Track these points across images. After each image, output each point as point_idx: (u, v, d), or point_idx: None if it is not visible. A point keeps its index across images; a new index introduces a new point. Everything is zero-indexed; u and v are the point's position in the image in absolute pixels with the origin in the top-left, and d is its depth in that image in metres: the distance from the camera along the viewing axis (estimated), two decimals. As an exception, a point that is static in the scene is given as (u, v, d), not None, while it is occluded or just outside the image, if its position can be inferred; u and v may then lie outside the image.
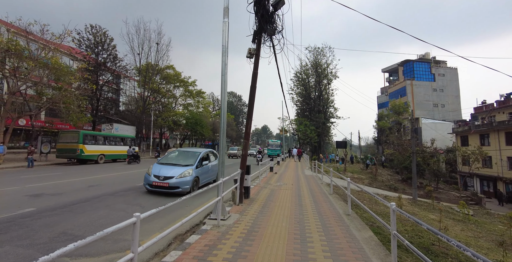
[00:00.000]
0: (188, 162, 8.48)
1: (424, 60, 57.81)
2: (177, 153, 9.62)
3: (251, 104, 6.45)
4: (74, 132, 20.27)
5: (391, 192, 19.19)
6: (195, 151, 9.42)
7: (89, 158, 19.95)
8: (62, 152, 19.43)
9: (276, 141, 44.78)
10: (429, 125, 42.23)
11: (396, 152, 23.26)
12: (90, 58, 32.66)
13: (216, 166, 9.82)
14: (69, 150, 19.34)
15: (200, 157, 8.75)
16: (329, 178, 9.49)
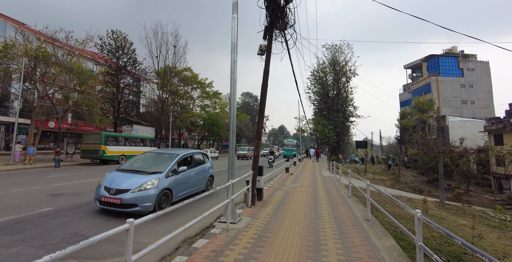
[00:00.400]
0: (157, 169, 6.28)
1: (450, 54, 54.46)
2: (148, 155, 7.38)
3: (263, 102, 6.21)
4: (97, 133, 21.00)
5: (416, 194, 18.10)
6: (172, 152, 7.15)
7: (111, 158, 20.62)
8: (86, 152, 20.29)
9: (292, 141, 42.53)
10: (457, 123, 39.63)
11: (420, 152, 21.97)
12: (111, 62, 34.02)
13: (206, 171, 7.98)
14: (92, 150, 20.11)
15: (175, 162, 6.51)
16: (348, 179, 9.02)
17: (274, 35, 6.07)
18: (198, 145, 49.14)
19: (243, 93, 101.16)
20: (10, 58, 18.54)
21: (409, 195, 16.53)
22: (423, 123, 29.30)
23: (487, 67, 53.17)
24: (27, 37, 19.55)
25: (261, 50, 6.08)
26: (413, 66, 65.55)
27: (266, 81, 6.17)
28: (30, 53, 18.36)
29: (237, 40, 5.29)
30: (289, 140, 43.55)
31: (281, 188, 9.00)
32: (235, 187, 7.72)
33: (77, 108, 22.51)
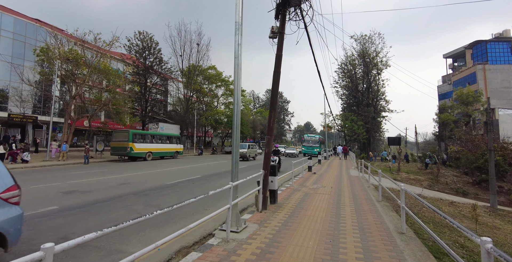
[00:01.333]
0: None
1: (502, 39, 48.18)
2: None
3: (275, 92, 5.43)
4: (125, 131, 21.76)
5: (459, 197, 15.96)
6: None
7: (138, 155, 21.16)
8: (115, 149, 21.14)
9: (314, 136, 36.17)
10: (509, 117, 34.99)
11: (464, 149, 19.42)
12: (138, 63, 35.18)
13: None
14: (121, 148, 20.85)
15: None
16: (378, 180, 7.88)
17: (287, 13, 5.23)
18: (222, 142, 49.45)
19: (267, 90, 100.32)
20: (48, 61, 19.75)
21: (451, 198, 14.57)
22: (467, 117, 26.05)
23: (547, 52, 46.10)
24: (60, 40, 20.64)
25: (272, 32, 5.28)
26: (454, 55, 59.29)
27: (278, 67, 5.36)
28: (63, 56, 19.38)
29: (241, 19, 4.55)
30: (310, 135, 36.98)
31: (300, 189, 8.14)
32: (246, 187, 7.08)
33: (104, 108, 23.44)
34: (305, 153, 32.31)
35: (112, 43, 22.58)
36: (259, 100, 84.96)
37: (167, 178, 10.50)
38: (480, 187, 18.70)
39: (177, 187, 8.58)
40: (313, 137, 35.77)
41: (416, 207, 9.83)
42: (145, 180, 10.15)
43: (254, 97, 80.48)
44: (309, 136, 36.31)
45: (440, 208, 10.77)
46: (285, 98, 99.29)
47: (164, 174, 11.93)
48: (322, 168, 16.97)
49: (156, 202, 6.44)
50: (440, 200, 13.05)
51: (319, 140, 34.70)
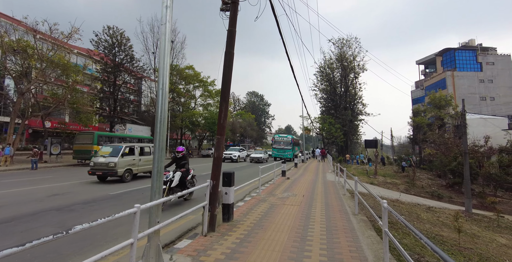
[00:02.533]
0: None
1: (468, 47, 50.98)
2: None
3: (227, 79, 4.24)
4: (89, 133, 20.16)
5: (434, 201, 15.71)
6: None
7: (103, 159, 19.15)
8: (78, 153, 19.54)
9: (286, 137, 29.99)
10: (475, 121, 36.58)
11: (438, 152, 19.47)
12: (107, 59, 32.72)
13: None
14: (84, 151, 19.30)
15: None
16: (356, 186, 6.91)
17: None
18: (199, 145, 47.51)
19: (248, 93, 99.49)
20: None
21: (428, 202, 14.20)
22: (439, 121, 26.62)
23: (509, 61, 49.43)
24: (5, 28, 18.14)
25: (224, 2, 4.12)
26: (426, 61, 62.10)
27: (231, 48, 4.20)
28: (8, 46, 16.99)
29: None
30: (281, 136, 30.41)
31: (267, 199, 6.97)
32: (193, 202, 5.72)
33: (61, 106, 21.04)
34: (276, 156, 27.53)
35: (71, 35, 20.35)
36: (239, 102, 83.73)
37: (115, 187, 8.93)
38: (453, 189, 18.75)
39: (119, 199, 7.09)
40: (284, 137, 29.40)
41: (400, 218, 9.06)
42: (87, 189, 8.52)
43: (234, 99, 79.10)
44: (280, 137, 29.87)
45: (419, 215, 10.12)
46: (266, 101, 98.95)
47: (115, 181, 10.29)
48: (297, 172, 16.03)
49: (75, 222, 4.96)
50: (418, 206, 12.53)
51: (292, 141, 28.91)
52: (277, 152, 27.92)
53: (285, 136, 30.62)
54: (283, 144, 28.35)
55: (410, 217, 9.50)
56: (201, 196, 7.04)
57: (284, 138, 29.46)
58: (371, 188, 14.57)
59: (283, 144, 28.35)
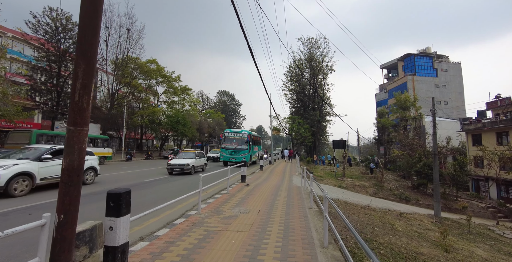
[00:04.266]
0: None
1: (425, 54, 54.30)
2: None
3: (90, 17, 2.24)
4: (25, 131, 17.88)
5: (403, 204, 15.13)
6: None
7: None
8: None
9: (240, 132, 22.04)
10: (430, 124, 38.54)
11: (405, 153, 19.24)
12: (49, 46, 28.17)
13: None
14: None
15: None
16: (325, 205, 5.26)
17: None
18: (161, 145, 43.88)
19: (219, 92, 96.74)
20: None
21: (397, 207, 13.42)
22: (405, 122, 27.01)
23: (459, 68, 53.60)
24: None
25: None
26: (389, 66, 65.19)
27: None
28: None
29: None
30: (234, 131, 22.24)
31: (206, 221, 5.02)
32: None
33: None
34: (225, 160, 20.19)
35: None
36: (209, 101, 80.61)
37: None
38: (418, 191, 18.54)
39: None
40: (238, 133, 21.53)
41: (368, 225, 7.71)
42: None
43: (203, 98, 75.85)
44: (231, 132, 21.59)
45: (393, 225, 8.94)
46: (237, 101, 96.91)
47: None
48: (262, 175, 14.31)
49: None
50: (389, 212, 11.54)
51: (249, 139, 20.88)
52: (227, 154, 20.04)
53: (239, 131, 21.98)
54: (236, 143, 20.44)
55: (385, 229, 8.23)
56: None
57: (237, 133, 21.24)
58: (340, 193, 13.38)
59: (236, 143, 20.44)
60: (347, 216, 8.45)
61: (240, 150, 20.13)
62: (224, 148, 20.27)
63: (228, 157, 19.84)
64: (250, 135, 21.43)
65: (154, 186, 9.77)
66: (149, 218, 5.17)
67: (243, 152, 20.05)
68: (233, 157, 19.78)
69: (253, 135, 23.09)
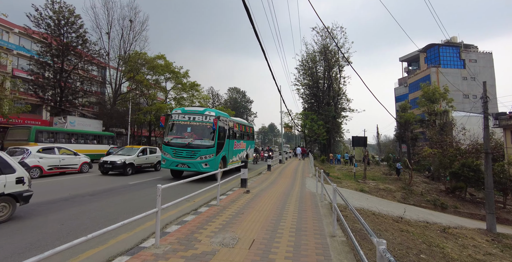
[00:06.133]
0: None
1: (451, 44, 49.83)
2: None
3: None
4: (24, 127, 17.19)
5: (440, 213, 12.55)
6: None
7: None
8: None
9: (199, 112, 10.62)
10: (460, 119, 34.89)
11: (437, 151, 16.48)
12: (52, 40, 27.23)
13: None
14: None
15: None
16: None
17: None
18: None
19: (229, 89, 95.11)
20: None
21: (435, 217, 10.90)
22: (434, 116, 23.94)
23: (490, 59, 48.86)
24: None
25: None
26: (409, 58, 60.85)
27: None
28: None
29: None
30: (189, 110, 10.92)
31: None
32: None
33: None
34: (172, 169, 10.68)
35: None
36: (219, 98, 79.08)
37: None
38: (454, 196, 15.79)
39: None
40: (196, 114, 10.62)
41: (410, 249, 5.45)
42: None
43: (213, 94, 74.37)
44: (184, 112, 10.78)
45: (442, 249, 6.59)
46: (248, 98, 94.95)
47: None
48: (269, 177, 12.20)
49: None
50: (428, 226, 9.12)
51: (216, 125, 10.00)
52: (174, 156, 10.18)
53: (198, 110, 10.91)
54: (191, 133, 10.50)
55: (434, 256, 5.92)
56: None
57: (194, 115, 10.66)
58: (364, 199, 11.05)
59: (191, 133, 10.50)
60: (378, 234, 6.21)
61: (198, 147, 9.97)
62: (169, 144, 10.19)
63: (175, 162, 9.93)
64: (217, 116, 10.24)
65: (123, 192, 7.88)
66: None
67: (204, 151, 9.90)
68: (183, 162, 9.89)
69: (230, 120, 12.13)
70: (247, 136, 14.95)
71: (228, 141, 11.22)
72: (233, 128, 12.16)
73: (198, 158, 9.78)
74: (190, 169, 9.94)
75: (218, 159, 10.22)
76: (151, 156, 13.32)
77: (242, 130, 14.00)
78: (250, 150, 15.50)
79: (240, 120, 14.27)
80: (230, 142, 11.63)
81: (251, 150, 15.80)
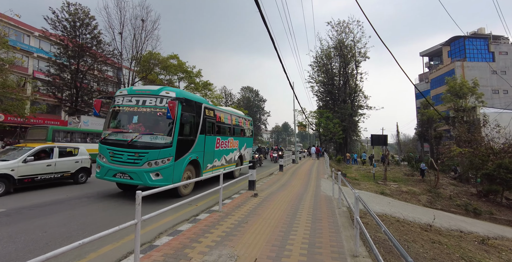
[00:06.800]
0: None
1: (478, 36, 46.51)
2: None
3: None
4: (42, 127, 17.34)
5: (473, 219, 11.23)
6: None
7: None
8: None
9: (154, 92, 6.56)
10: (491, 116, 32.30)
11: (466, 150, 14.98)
12: (68, 42, 27.82)
13: None
14: None
15: None
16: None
17: None
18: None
19: (242, 88, 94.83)
20: None
21: (469, 225, 9.67)
22: (462, 112, 22.07)
23: (523, 51, 45.09)
24: None
25: None
26: (431, 53, 57.59)
27: None
28: None
29: None
30: (138, 89, 6.83)
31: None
32: None
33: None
34: (108, 179, 6.45)
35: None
36: (232, 97, 78.91)
37: None
38: (487, 200, 14.27)
39: None
40: (146, 94, 6.59)
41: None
42: None
43: (225, 94, 74.30)
44: (131, 94, 6.76)
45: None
46: (261, 97, 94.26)
47: None
48: (281, 178, 11.41)
49: None
50: (463, 236, 8.00)
51: (171, 111, 5.83)
52: (112, 159, 6.33)
53: (150, 89, 6.69)
54: (139, 123, 6.45)
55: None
56: None
57: (145, 96, 6.59)
58: (386, 203, 10.01)
59: (139, 123, 6.45)
60: (405, 246, 5.31)
61: (146, 147, 6.25)
62: (106, 142, 6.65)
63: (112, 170, 6.34)
64: (186, 103, 6.81)
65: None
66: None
67: (154, 154, 6.18)
68: (122, 170, 6.25)
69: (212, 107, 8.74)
70: (240, 131, 11.34)
71: (204, 138, 7.64)
72: (214, 119, 8.45)
73: (146, 165, 5.99)
74: (133, 182, 6.11)
75: (180, 166, 6.43)
76: (64, 161, 8.21)
77: (233, 123, 10.37)
78: (247, 150, 11.91)
79: (230, 110, 10.91)
80: (209, 139, 7.99)
81: (247, 150, 12.00)
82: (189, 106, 6.96)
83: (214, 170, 8.36)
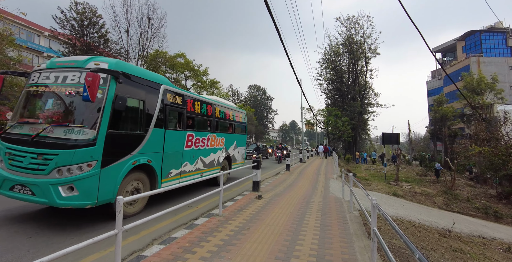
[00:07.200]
0: None
1: (495, 30, 44.54)
2: None
3: None
4: None
5: (495, 224, 10.49)
6: None
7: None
8: None
9: (72, 63, 4.48)
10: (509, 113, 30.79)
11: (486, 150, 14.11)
12: (75, 41, 28.03)
13: None
14: None
15: None
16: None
17: None
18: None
19: (249, 86, 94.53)
20: None
21: (491, 231, 8.97)
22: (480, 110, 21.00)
23: (544, 45, 42.91)
24: None
25: None
26: (444, 48, 55.67)
27: None
28: None
29: None
30: (65, 61, 4.63)
31: None
32: None
33: None
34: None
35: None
36: (239, 95, 78.66)
37: None
38: (509, 202, 13.41)
39: None
40: (68, 66, 4.40)
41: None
42: None
43: (232, 92, 74.13)
44: (55, 66, 4.50)
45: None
46: (268, 95, 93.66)
47: None
48: (288, 178, 10.95)
49: None
50: (486, 243, 7.37)
51: (91, 88, 3.58)
52: (9, 164, 4.13)
53: (75, 61, 4.50)
54: (54, 110, 4.27)
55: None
56: None
57: (66, 70, 4.41)
58: (399, 205, 9.42)
59: (54, 110, 4.27)
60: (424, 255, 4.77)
61: (55, 146, 3.94)
62: (7, 138, 4.35)
63: (9, 179, 4.08)
64: (128, 77, 4.61)
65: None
66: None
67: (66, 155, 3.88)
68: (21, 181, 3.99)
69: (180, 92, 6.25)
70: (229, 126, 9.06)
71: (163, 133, 5.51)
72: (182, 107, 6.23)
73: (54, 172, 3.88)
74: (36, 200, 3.94)
75: (113, 174, 4.33)
76: None
77: (216, 115, 7.96)
78: (237, 150, 9.61)
79: (213, 99, 8.47)
80: (172, 135, 5.82)
81: (238, 149, 9.71)
82: (135, 87, 4.76)
83: (183, 177, 6.16)
